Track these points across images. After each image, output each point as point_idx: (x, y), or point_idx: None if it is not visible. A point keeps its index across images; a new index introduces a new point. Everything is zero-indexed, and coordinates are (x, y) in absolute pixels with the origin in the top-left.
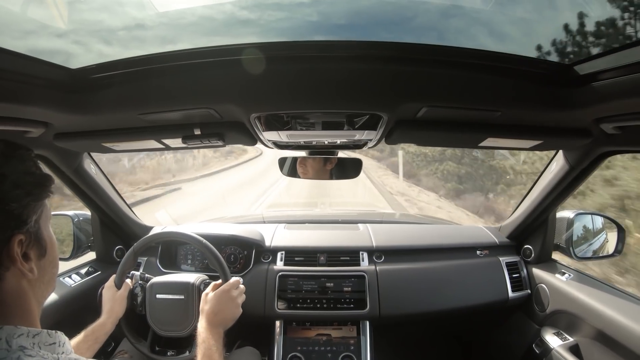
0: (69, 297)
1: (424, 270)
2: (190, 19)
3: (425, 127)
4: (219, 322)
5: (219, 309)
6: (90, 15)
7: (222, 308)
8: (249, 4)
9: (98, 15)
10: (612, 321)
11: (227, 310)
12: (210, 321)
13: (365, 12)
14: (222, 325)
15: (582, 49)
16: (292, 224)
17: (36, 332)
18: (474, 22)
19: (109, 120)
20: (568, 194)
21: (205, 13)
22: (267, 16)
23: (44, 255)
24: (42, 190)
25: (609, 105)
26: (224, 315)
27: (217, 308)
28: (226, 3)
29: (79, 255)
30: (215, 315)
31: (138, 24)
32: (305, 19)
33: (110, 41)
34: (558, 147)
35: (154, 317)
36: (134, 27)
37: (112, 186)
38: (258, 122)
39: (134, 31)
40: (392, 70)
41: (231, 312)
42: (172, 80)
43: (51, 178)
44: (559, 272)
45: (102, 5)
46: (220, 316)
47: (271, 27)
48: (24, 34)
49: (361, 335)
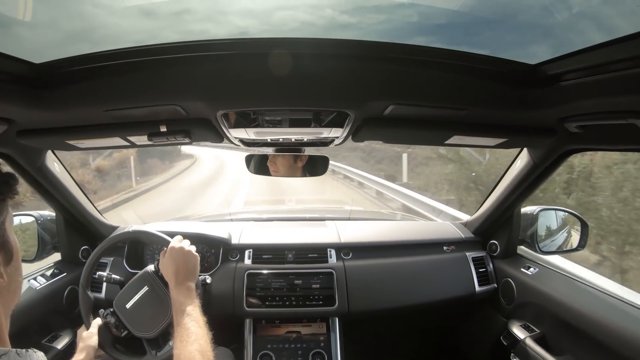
0: (35, 300)
1: (392, 266)
2: (293, 24)
3: (392, 125)
4: (183, 278)
5: (176, 266)
6: (195, 25)
7: (178, 263)
8: (348, 7)
9: (203, 25)
10: (577, 311)
11: (182, 262)
12: (175, 283)
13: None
14: (188, 279)
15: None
16: (259, 221)
17: (3, 352)
18: (441, 21)
19: (74, 116)
20: (532, 190)
21: (306, 19)
22: (367, 19)
23: (10, 260)
24: (7, 189)
25: (573, 105)
26: (184, 268)
27: (174, 267)
28: (326, 7)
29: (43, 257)
30: (177, 275)
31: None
32: (406, 20)
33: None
34: (523, 145)
35: (137, 326)
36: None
37: (77, 185)
38: (224, 119)
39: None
40: (358, 68)
41: (188, 262)
42: (138, 76)
43: (16, 177)
44: (524, 266)
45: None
46: (181, 272)
47: (371, 29)
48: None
49: (331, 332)
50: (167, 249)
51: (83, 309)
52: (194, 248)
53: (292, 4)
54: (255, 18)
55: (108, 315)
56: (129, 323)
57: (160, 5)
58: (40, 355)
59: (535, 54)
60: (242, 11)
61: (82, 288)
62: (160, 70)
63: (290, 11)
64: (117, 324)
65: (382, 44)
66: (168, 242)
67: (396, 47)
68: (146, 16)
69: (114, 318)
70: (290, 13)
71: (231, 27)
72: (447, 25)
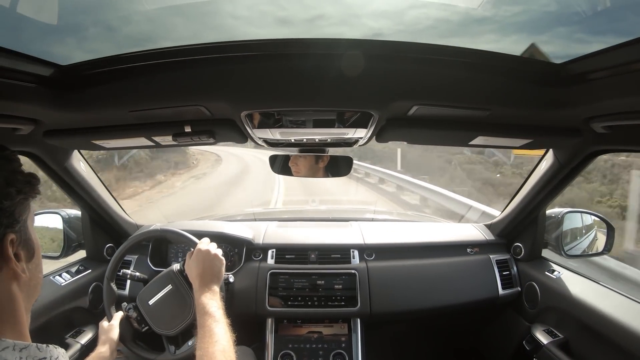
0: (60, 297)
1: (415, 268)
2: (426, 22)
3: (416, 125)
4: (208, 280)
5: (202, 269)
6: (329, 29)
7: (204, 266)
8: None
9: (337, 29)
10: (601, 317)
11: (209, 265)
12: (200, 284)
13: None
14: (213, 282)
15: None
16: (283, 221)
17: (23, 346)
18: (464, 21)
19: (99, 117)
20: (558, 193)
21: (439, 15)
22: (502, 12)
23: (32, 257)
24: (31, 189)
25: (599, 105)
26: (210, 272)
27: (200, 269)
28: (459, 4)
29: (69, 254)
30: (202, 277)
31: None
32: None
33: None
34: (548, 146)
35: (159, 323)
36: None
37: (102, 184)
38: (249, 119)
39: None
40: (383, 69)
41: (214, 265)
42: (163, 77)
43: (37, 176)
44: (549, 269)
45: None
46: (207, 274)
47: (507, 22)
48: (13, 30)
49: (352, 333)
50: (194, 251)
51: (106, 301)
52: (221, 252)
53: (423, 2)
54: (388, 19)
55: (130, 309)
56: (151, 319)
57: (295, 12)
58: (62, 352)
59: (561, 53)
60: (375, 12)
61: (107, 280)
62: (185, 71)
63: (423, 9)
64: (139, 318)
65: (406, 44)
66: (195, 243)
67: (420, 47)
68: (281, 24)
69: (136, 312)
70: (423, 12)
71: (365, 30)
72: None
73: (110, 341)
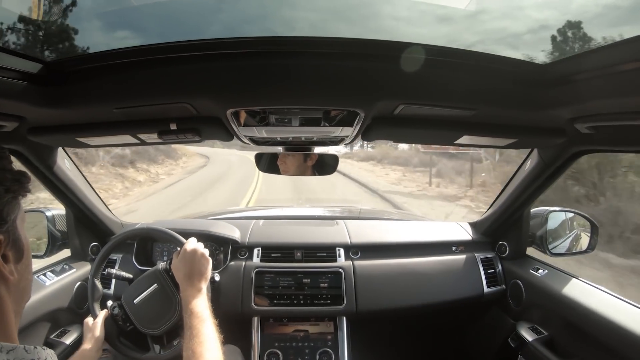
0: (44, 296)
1: (401, 266)
2: (595, 10)
3: (402, 124)
4: (195, 281)
5: (189, 269)
6: (492, 24)
7: (191, 266)
8: None
9: (500, 23)
10: (585, 314)
11: (196, 265)
12: (187, 284)
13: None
14: (200, 282)
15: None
16: (268, 220)
17: (11, 348)
18: (451, 21)
19: (84, 114)
20: (542, 191)
21: (609, 2)
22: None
23: (22, 258)
24: (20, 187)
25: (584, 105)
26: (197, 272)
27: (187, 269)
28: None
29: (54, 253)
30: (189, 277)
31: None
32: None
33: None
34: (533, 145)
35: (144, 322)
36: None
37: (87, 182)
38: (234, 117)
39: None
40: (369, 68)
41: (201, 264)
42: (149, 75)
43: (27, 174)
44: (533, 267)
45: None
46: (194, 275)
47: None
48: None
49: (338, 331)
50: (180, 250)
51: (91, 298)
52: (208, 252)
53: None
54: (554, 9)
55: (115, 308)
56: (136, 318)
57: (455, 10)
58: (50, 352)
59: (546, 53)
60: (539, 3)
61: (92, 277)
62: (170, 68)
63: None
64: (124, 317)
65: (392, 43)
66: (182, 243)
67: (406, 47)
68: (442, 22)
69: (120, 311)
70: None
71: (530, 22)
72: (456, 24)
73: (95, 339)
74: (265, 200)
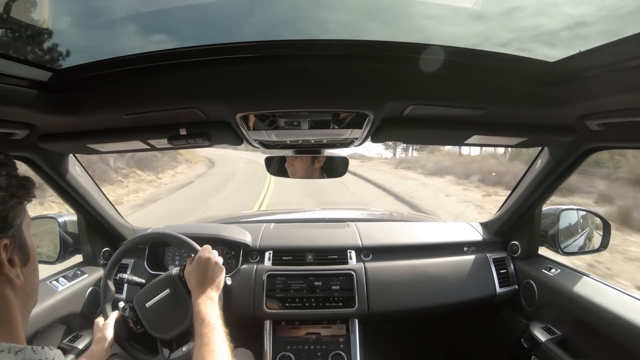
0: (57, 302)
1: (412, 268)
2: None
3: (411, 125)
4: (208, 289)
5: (202, 277)
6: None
7: (205, 274)
8: None
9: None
10: (599, 314)
11: (209, 273)
12: (199, 292)
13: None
14: (212, 290)
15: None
16: (279, 223)
17: (19, 349)
18: (459, 20)
19: (94, 121)
20: (553, 190)
21: None
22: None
23: (27, 262)
24: (25, 193)
25: (594, 102)
26: (210, 280)
27: (200, 277)
28: None
29: (66, 258)
30: (201, 285)
31: None
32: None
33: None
34: (543, 143)
35: (154, 326)
36: None
37: (97, 187)
38: (244, 121)
39: None
40: (377, 69)
41: (214, 273)
42: (158, 80)
43: (32, 180)
44: (546, 267)
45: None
46: (207, 283)
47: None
48: (8, 35)
49: (350, 333)
50: (194, 257)
51: (103, 299)
52: (222, 260)
53: None
54: (589, 4)
55: (127, 310)
56: (146, 321)
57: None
58: (57, 352)
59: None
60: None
61: (105, 278)
62: (179, 74)
63: None
64: (135, 319)
65: (400, 44)
66: (197, 250)
67: (414, 47)
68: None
69: (132, 313)
70: None
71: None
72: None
73: (104, 339)
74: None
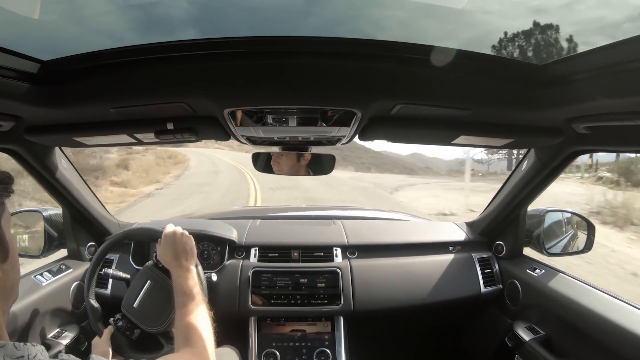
0: (41, 296)
1: (398, 266)
2: None
3: (398, 125)
4: (183, 260)
5: (173, 250)
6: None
7: (175, 248)
8: None
9: (598, 12)
10: (582, 314)
11: (179, 245)
12: (175, 266)
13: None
14: (188, 261)
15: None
16: (265, 219)
17: (0, 345)
18: (448, 21)
19: (81, 113)
20: (539, 191)
21: None
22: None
23: (6, 258)
24: (4, 188)
25: (581, 106)
26: (182, 250)
27: (171, 252)
28: None
29: (50, 253)
30: (175, 258)
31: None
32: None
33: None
34: (530, 145)
35: (148, 322)
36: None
37: (83, 181)
38: (231, 117)
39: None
40: (366, 68)
41: (184, 243)
42: (146, 74)
43: (11, 176)
44: (530, 267)
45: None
46: (180, 254)
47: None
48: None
49: (335, 331)
50: (161, 239)
51: (92, 319)
52: (187, 231)
53: None
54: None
55: (119, 321)
56: (140, 321)
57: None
58: (40, 349)
59: (544, 54)
60: None
61: (87, 299)
62: (167, 68)
63: None
64: (129, 326)
65: (389, 43)
66: (160, 232)
67: (403, 47)
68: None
69: (124, 321)
70: None
71: (629, 10)
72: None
73: (103, 355)
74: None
